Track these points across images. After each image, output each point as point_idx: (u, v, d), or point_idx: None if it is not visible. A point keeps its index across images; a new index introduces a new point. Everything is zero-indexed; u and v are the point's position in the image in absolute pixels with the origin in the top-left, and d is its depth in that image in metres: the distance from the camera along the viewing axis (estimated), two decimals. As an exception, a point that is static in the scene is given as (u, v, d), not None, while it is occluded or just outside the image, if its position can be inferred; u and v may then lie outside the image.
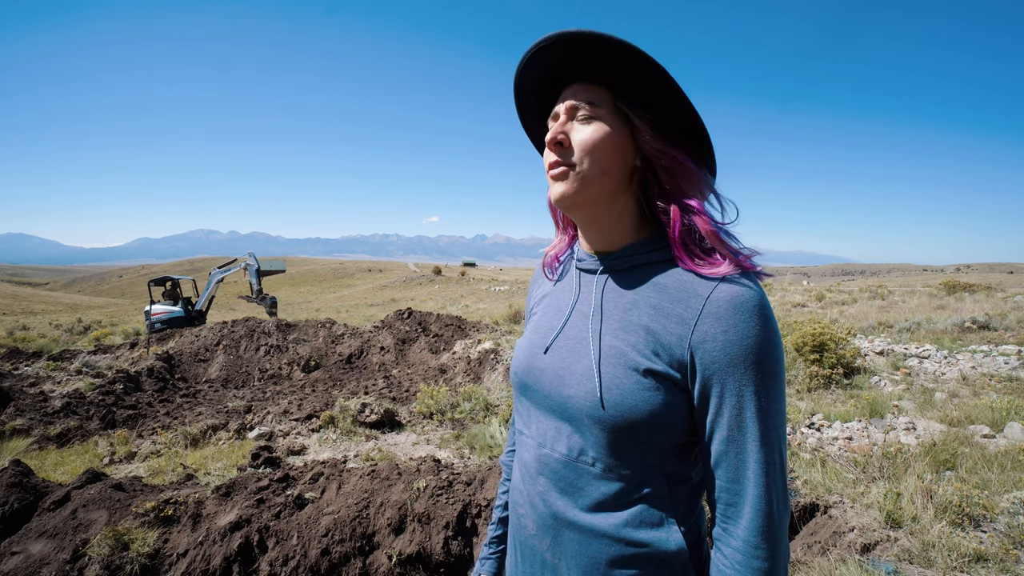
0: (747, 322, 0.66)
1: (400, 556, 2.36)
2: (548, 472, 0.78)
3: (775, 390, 0.67)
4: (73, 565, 2.18)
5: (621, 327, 0.74)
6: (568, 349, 0.78)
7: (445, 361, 8.69)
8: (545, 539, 0.78)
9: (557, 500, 0.76)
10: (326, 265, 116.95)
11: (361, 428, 5.17)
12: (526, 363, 0.84)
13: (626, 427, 0.69)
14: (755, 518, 0.66)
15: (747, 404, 0.66)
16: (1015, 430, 3.73)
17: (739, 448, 0.67)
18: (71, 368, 8.40)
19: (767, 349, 0.66)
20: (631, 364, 0.70)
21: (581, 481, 0.74)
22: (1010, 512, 2.35)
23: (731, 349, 0.66)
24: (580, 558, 0.74)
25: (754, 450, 0.66)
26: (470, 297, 29.13)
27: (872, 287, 18.77)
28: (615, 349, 0.73)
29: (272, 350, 10.27)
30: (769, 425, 0.67)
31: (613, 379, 0.71)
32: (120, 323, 19.94)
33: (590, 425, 0.72)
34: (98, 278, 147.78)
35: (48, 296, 56.91)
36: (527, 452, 0.83)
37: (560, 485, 0.76)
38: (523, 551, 0.83)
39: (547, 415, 0.80)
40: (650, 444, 0.71)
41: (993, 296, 13.24)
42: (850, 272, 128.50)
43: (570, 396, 0.74)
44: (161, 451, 4.77)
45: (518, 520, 0.85)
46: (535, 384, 0.81)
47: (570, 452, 0.75)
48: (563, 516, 0.75)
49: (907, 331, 8.51)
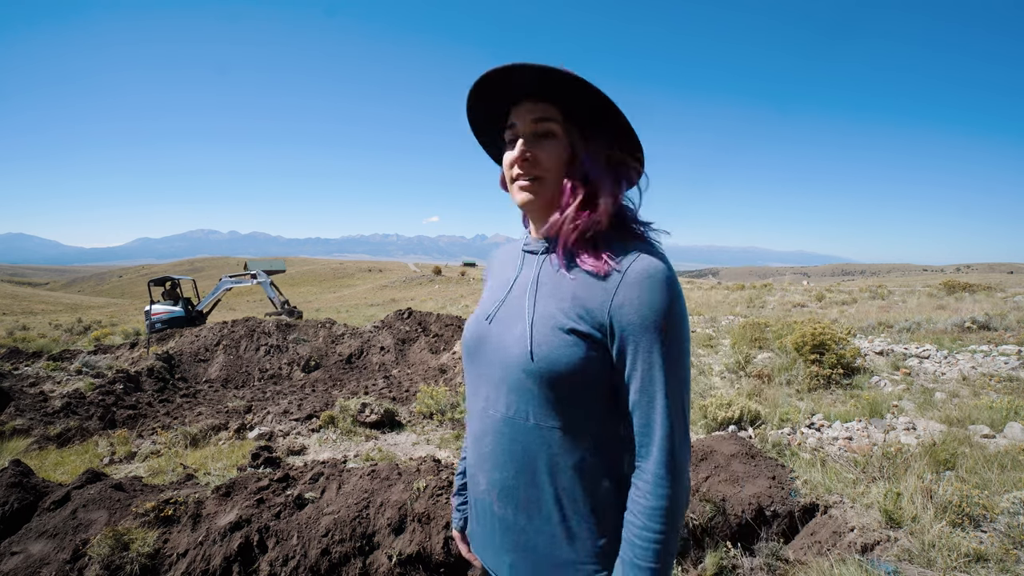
0: (657, 291, 0.78)
1: (400, 556, 2.36)
2: (492, 431, 0.89)
3: (679, 350, 0.80)
4: (73, 565, 2.18)
5: (552, 295, 0.86)
6: (509, 316, 0.90)
7: (445, 361, 8.69)
8: (493, 491, 0.90)
9: (501, 456, 0.88)
10: (326, 265, 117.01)
11: (361, 428, 5.17)
12: (473, 332, 0.96)
13: (552, 378, 0.80)
14: (660, 455, 0.79)
15: (656, 360, 0.78)
16: (1015, 430, 3.73)
17: (649, 397, 0.79)
18: (71, 368, 8.39)
19: (674, 314, 0.78)
20: (559, 324, 0.82)
21: (520, 436, 0.85)
22: (1010, 512, 2.35)
23: (644, 312, 0.78)
24: (524, 507, 0.87)
25: (661, 399, 0.79)
26: (470, 297, 29.14)
27: (872, 287, 18.77)
28: (547, 312, 0.84)
29: (272, 350, 10.27)
30: (674, 379, 0.79)
31: (543, 336, 0.82)
32: (120, 323, 19.94)
33: (524, 379, 0.83)
34: (98, 278, 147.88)
35: (48, 296, 56.92)
36: (474, 418, 0.95)
37: (503, 443, 0.88)
38: (478, 507, 0.97)
39: (490, 378, 0.90)
40: (578, 397, 0.82)
41: (993, 296, 13.24)
42: (850, 272, 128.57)
43: (508, 356, 0.86)
44: (161, 451, 4.77)
45: (473, 481, 0.97)
46: (480, 350, 0.93)
47: (507, 409, 0.86)
48: (507, 471, 0.87)
49: (907, 331, 8.51)
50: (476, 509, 0.97)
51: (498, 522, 0.91)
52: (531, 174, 0.87)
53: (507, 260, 1.03)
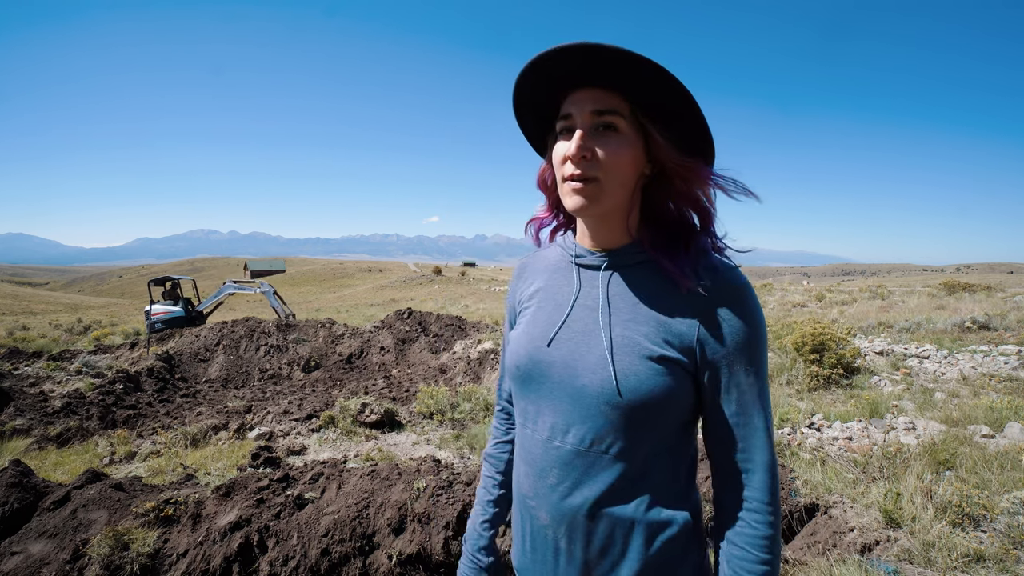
0: (747, 310, 0.75)
1: (400, 556, 2.36)
2: (560, 464, 0.80)
3: (766, 367, 0.77)
4: (73, 565, 2.18)
5: (632, 319, 0.78)
6: (576, 341, 0.81)
7: (445, 361, 8.69)
8: (560, 528, 0.81)
9: (571, 491, 0.79)
10: (326, 265, 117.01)
11: (361, 428, 5.18)
12: (529, 356, 0.85)
13: (641, 411, 0.74)
14: (765, 483, 0.75)
15: (751, 383, 0.75)
16: (1015, 430, 3.73)
17: (746, 422, 0.76)
18: (71, 368, 8.40)
19: (761, 332, 0.76)
20: (644, 352, 0.75)
21: (594, 470, 0.78)
22: (1010, 512, 2.34)
23: (736, 336, 0.74)
24: (598, 542, 0.79)
25: (760, 424, 0.76)
26: (470, 297, 29.13)
27: (872, 287, 18.77)
28: (628, 339, 0.77)
29: (272, 350, 10.27)
30: (766, 399, 0.77)
31: (629, 367, 0.75)
32: (120, 323, 19.93)
33: (606, 411, 0.76)
34: (98, 278, 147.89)
35: (48, 296, 56.94)
36: (534, 447, 0.85)
37: (573, 476, 0.79)
38: (535, 540, 0.87)
39: (556, 409, 0.81)
40: (659, 425, 0.77)
41: (993, 296, 13.23)
42: (850, 272, 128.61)
43: (584, 385, 0.77)
44: (161, 451, 4.78)
45: (527, 511, 0.87)
46: (542, 377, 0.83)
47: (582, 442, 0.78)
48: (579, 506, 0.79)
49: (907, 331, 8.51)
50: (532, 542, 0.87)
51: (563, 556, 0.82)
52: (587, 174, 0.74)
53: (553, 274, 0.91)
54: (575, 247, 0.88)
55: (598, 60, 0.69)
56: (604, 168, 0.74)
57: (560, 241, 0.94)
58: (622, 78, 0.72)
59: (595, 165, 0.74)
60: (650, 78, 0.70)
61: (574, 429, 0.79)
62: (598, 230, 0.83)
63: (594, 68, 0.71)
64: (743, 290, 0.75)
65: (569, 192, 0.76)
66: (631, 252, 0.82)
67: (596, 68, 0.71)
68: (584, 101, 0.74)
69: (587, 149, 0.74)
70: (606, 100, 0.73)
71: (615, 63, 0.69)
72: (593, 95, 0.74)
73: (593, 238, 0.85)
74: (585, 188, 0.74)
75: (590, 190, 0.74)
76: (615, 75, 0.72)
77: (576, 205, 0.76)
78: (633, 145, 0.75)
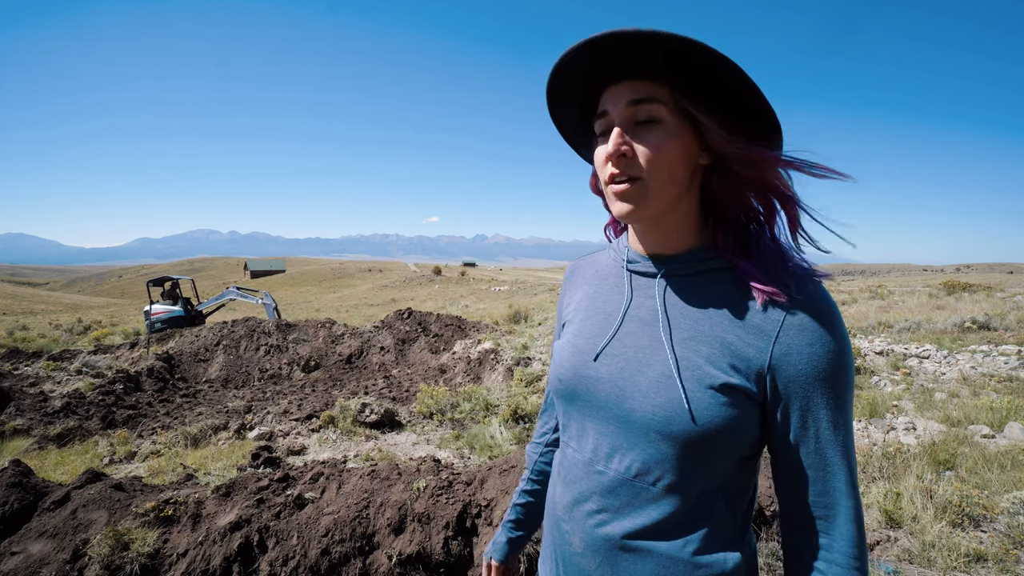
0: (831, 334, 0.63)
1: (400, 556, 2.36)
2: (601, 491, 0.73)
3: (851, 401, 0.66)
4: (73, 565, 2.18)
5: (692, 337, 0.69)
6: (627, 358, 0.72)
7: (445, 361, 8.69)
8: (595, 560, 0.73)
9: (610, 521, 0.71)
10: (326, 265, 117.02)
11: (361, 428, 5.18)
12: (574, 371, 0.77)
13: (699, 444, 0.65)
14: (851, 528, 0.65)
15: (833, 416, 0.64)
16: (1015, 430, 3.73)
17: (826, 461, 0.65)
18: (71, 368, 8.40)
19: (848, 360, 0.64)
20: (706, 377, 0.66)
21: (638, 501, 0.70)
22: (1010, 512, 2.35)
23: (816, 362, 0.63)
24: None
25: (841, 462, 0.65)
26: (470, 297, 29.14)
27: (872, 287, 18.78)
28: (687, 361, 0.67)
29: (272, 350, 10.27)
30: (849, 435, 0.65)
31: (688, 394, 0.66)
32: (120, 323, 19.93)
33: (658, 441, 0.67)
34: (98, 278, 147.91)
35: (48, 296, 56.95)
36: (574, 467, 0.77)
37: (614, 506, 0.71)
38: (567, 566, 0.79)
39: (602, 429, 0.73)
40: (717, 460, 0.67)
41: (993, 296, 13.24)
42: (850, 272, 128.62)
43: (634, 409, 0.69)
44: (161, 451, 4.78)
45: (561, 535, 0.79)
46: (587, 394, 0.75)
47: (628, 471, 0.70)
48: (617, 538, 0.71)
49: (907, 331, 8.51)
50: (562, 567, 0.80)
51: None
52: (628, 174, 0.66)
53: (603, 280, 0.83)
54: (627, 251, 0.79)
55: (633, 49, 0.62)
56: (648, 164, 0.65)
57: (614, 243, 0.85)
58: (665, 67, 0.63)
59: (636, 163, 0.65)
60: (701, 62, 0.61)
61: (619, 455, 0.71)
62: (652, 233, 0.74)
63: (631, 59, 0.64)
64: (829, 306, 0.64)
65: (612, 196, 0.68)
66: (692, 258, 0.72)
67: (633, 59, 0.63)
68: (620, 93, 0.66)
69: (626, 145, 0.65)
70: (643, 88, 0.65)
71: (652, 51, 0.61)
72: (630, 85, 0.66)
73: (644, 241, 0.76)
74: (629, 190, 0.66)
75: (634, 191, 0.66)
76: (655, 64, 0.63)
77: (622, 211, 0.68)
78: (679, 135, 0.65)
